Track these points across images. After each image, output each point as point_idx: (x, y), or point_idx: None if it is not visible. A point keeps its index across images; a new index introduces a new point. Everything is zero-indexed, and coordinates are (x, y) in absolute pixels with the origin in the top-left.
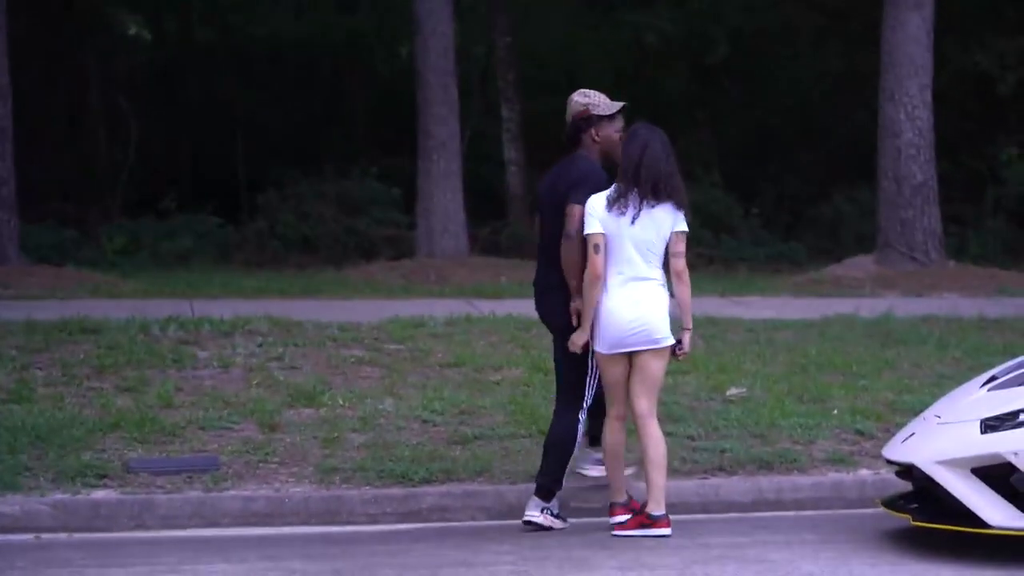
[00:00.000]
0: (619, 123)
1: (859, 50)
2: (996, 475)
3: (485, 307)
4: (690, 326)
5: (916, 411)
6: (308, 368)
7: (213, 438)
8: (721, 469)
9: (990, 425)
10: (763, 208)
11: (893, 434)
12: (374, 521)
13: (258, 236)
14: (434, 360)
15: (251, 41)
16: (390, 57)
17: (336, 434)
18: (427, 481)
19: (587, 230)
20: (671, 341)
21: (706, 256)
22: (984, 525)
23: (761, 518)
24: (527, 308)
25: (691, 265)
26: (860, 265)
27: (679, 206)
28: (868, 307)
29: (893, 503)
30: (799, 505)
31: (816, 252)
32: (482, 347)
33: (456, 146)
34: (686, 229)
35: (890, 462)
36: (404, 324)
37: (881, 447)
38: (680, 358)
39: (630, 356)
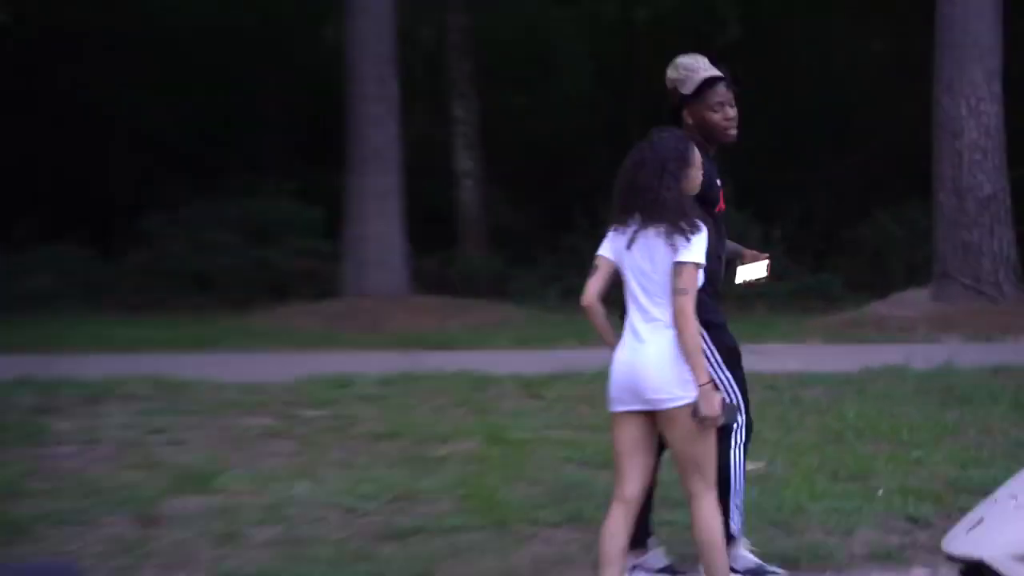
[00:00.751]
0: (714, 98)
1: (908, 29)
2: None
3: (430, 361)
4: (703, 381)
5: (986, 491)
6: (199, 443)
7: (74, 536)
8: (732, 570)
9: None
10: (786, 231)
11: (956, 521)
12: None
13: (140, 272)
14: (363, 430)
15: (134, 26)
16: (312, 43)
17: (234, 528)
18: None
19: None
20: (678, 402)
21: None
22: None
23: None
24: (484, 361)
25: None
26: (912, 302)
27: (677, 230)
28: (922, 356)
29: None
30: None
31: (855, 286)
32: (425, 413)
33: (395, 155)
34: (690, 260)
35: (952, 558)
36: (325, 384)
37: (940, 538)
38: (702, 425)
39: (650, 418)
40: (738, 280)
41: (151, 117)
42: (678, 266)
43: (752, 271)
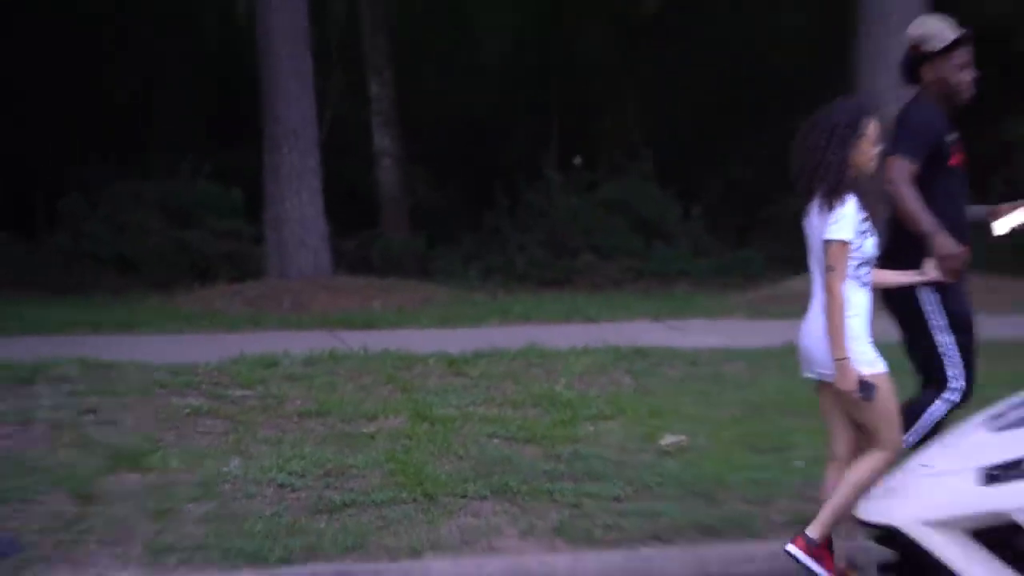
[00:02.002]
0: (960, 58)
1: (831, 3)
2: (1000, 539)
3: (354, 340)
4: (838, 356)
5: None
6: (132, 423)
7: (12, 513)
8: (655, 537)
9: (992, 476)
10: (707, 207)
11: (870, 488)
12: None
13: (60, 255)
14: (291, 409)
15: (50, 3)
16: (224, 17)
17: (169, 505)
18: (285, 561)
19: None
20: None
21: (635, 269)
22: None
23: None
24: (408, 340)
25: (616, 280)
26: None
27: (828, 206)
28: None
29: (876, 572)
30: None
31: (776, 262)
32: (351, 391)
33: (313, 134)
34: (835, 237)
35: (866, 524)
36: (252, 364)
37: (856, 506)
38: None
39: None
40: (998, 232)
41: (67, 97)
42: (826, 244)
43: (1012, 221)
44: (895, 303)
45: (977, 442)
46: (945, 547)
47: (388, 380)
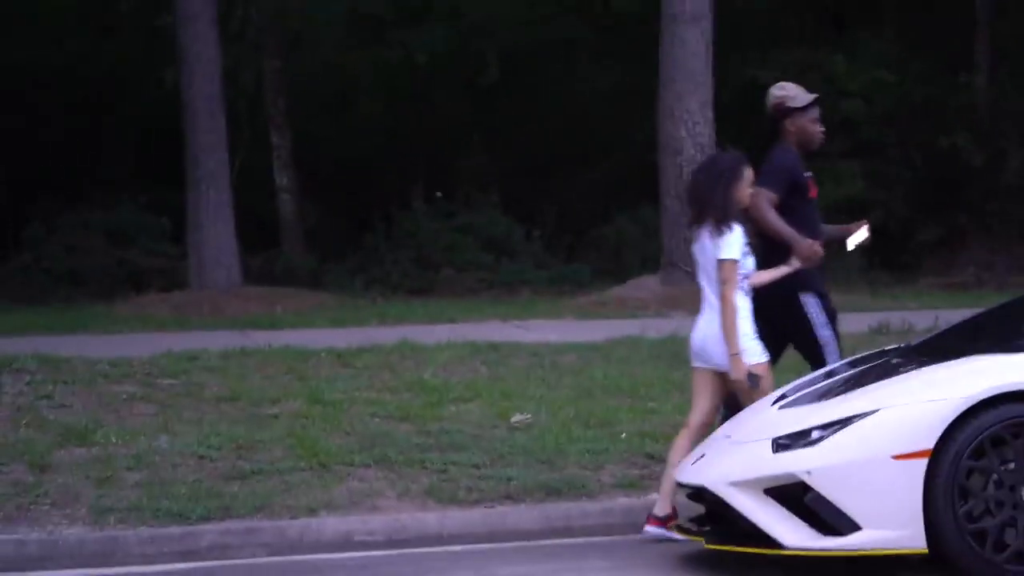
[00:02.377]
0: (813, 113)
1: (638, 65)
2: (789, 495)
3: (260, 338)
4: (735, 351)
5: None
6: (79, 406)
7: None
8: (508, 497)
9: (782, 444)
10: (545, 230)
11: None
12: (151, 561)
13: (23, 271)
14: (209, 394)
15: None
16: (156, 83)
17: (110, 473)
18: (205, 519)
19: None
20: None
21: (486, 280)
22: (779, 546)
23: (551, 546)
24: (304, 338)
25: (471, 289)
26: (644, 285)
27: (719, 232)
28: (654, 328)
29: (686, 526)
30: (589, 532)
31: (600, 274)
32: (258, 380)
33: (226, 175)
34: (727, 256)
35: (681, 484)
36: (177, 358)
37: (674, 469)
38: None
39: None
40: (850, 247)
41: (31, 142)
42: (719, 262)
43: (858, 238)
44: (776, 312)
45: (770, 417)
46: (745, 502)
47: (288, 371)
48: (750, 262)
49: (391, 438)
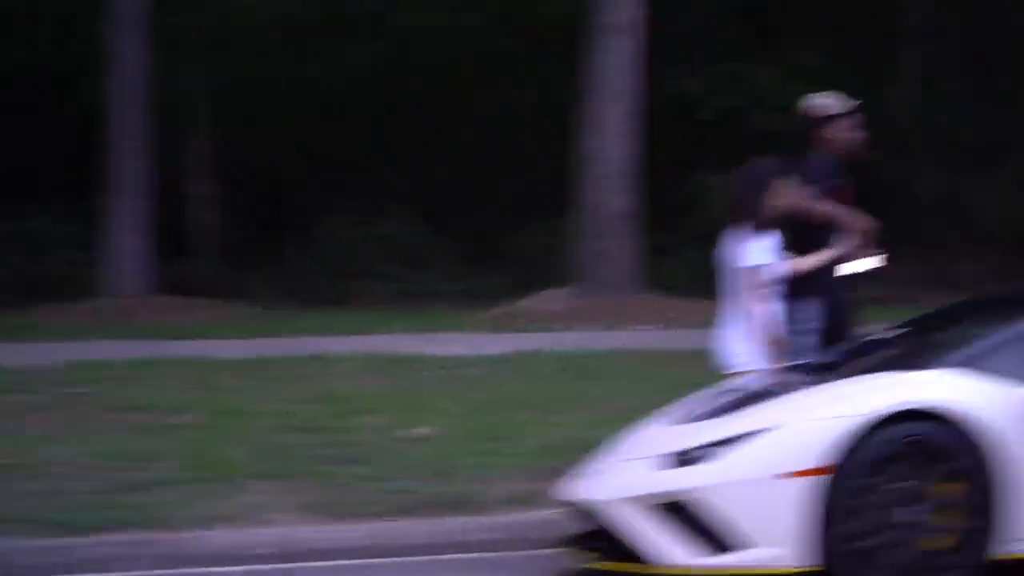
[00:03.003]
0: (852, 121)
1: (560, 77)
2: (681, 512)
3: (170, 348)
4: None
5: (607, 447)
6: None
7: None
8: (405, 511)
9: (676, 460)
10: (459, 242)
11: (582, 471)
12: (40, 574)
13: None
14: (113, 404)
15: None
16: (76, 89)
17: (6, 485)
18: (98, 530)
19: None
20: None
21: (400, 291)
22: (667, 563)
23: (446, 561)
24: (214, 348)
25: (384, 301)
26: (556, 298)
27: (750, 238)
28: (562, 341)
29: (577, 542)
30: (484, 546)
31: (514, 286)
32: (164, 390)
33: (143, 183)
34: (753, 264)
35: (571, 501)
36: (84, 367)
37: (564, 484)
38: None
39: None
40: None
41: None
42: (745, 269)
43: (862, 265)
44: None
45: (663, 433)
46: (636, 519)
47: (196, 382)
48: (776, 269)
49: (293, 450)
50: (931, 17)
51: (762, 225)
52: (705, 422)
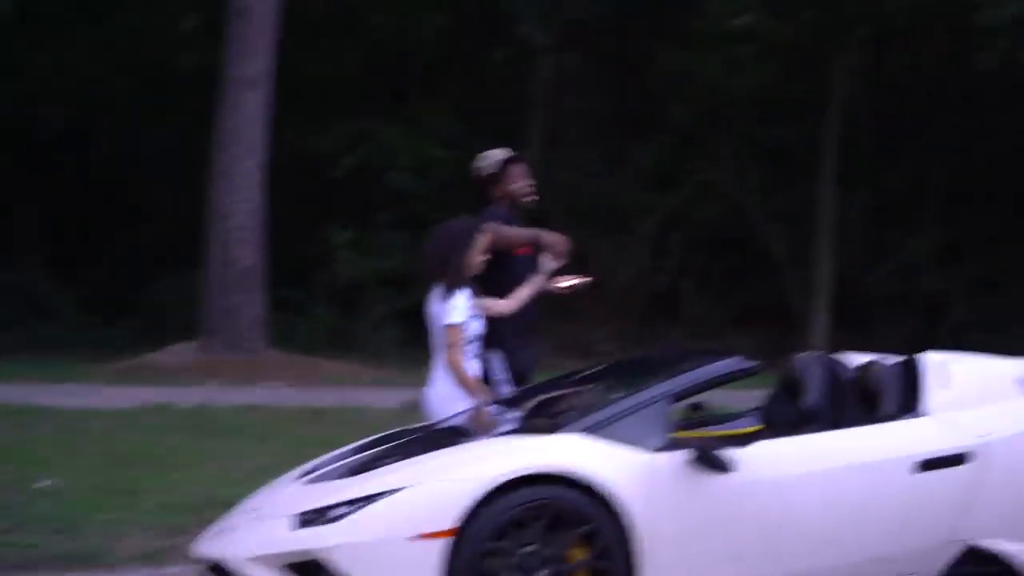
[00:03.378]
0: (514, 172)
1: (194, 128)
2: (311, 572)
3: None
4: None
5: (233, 504)
6: None
7: None
8: (26, 566)
9: (306, 520)
10: (90, 292)
11: (208, 528)
12: None
13: None
14: None
15: None
16: None
17: None
18: None
19: None
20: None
21: (25, 341)
22: None
23: None
24: None
25: (7, 350)
26: (182, 352)
27: (448, 296)
28: (188, 396)
29: None
30: None
31: (140, 339)
32: None
33: None
34: (452, 321)
35: (200, 559)
36: None
37: (195, 542)
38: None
39: None
40: (563, 286)
41: None
42: (446, 326)
43: (571, 279)
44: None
45: (294, 492)
46: None
47: None
48: (477, 326)
49: None
50: (564, 84)
51: (461, 282)
52: (339, 481)
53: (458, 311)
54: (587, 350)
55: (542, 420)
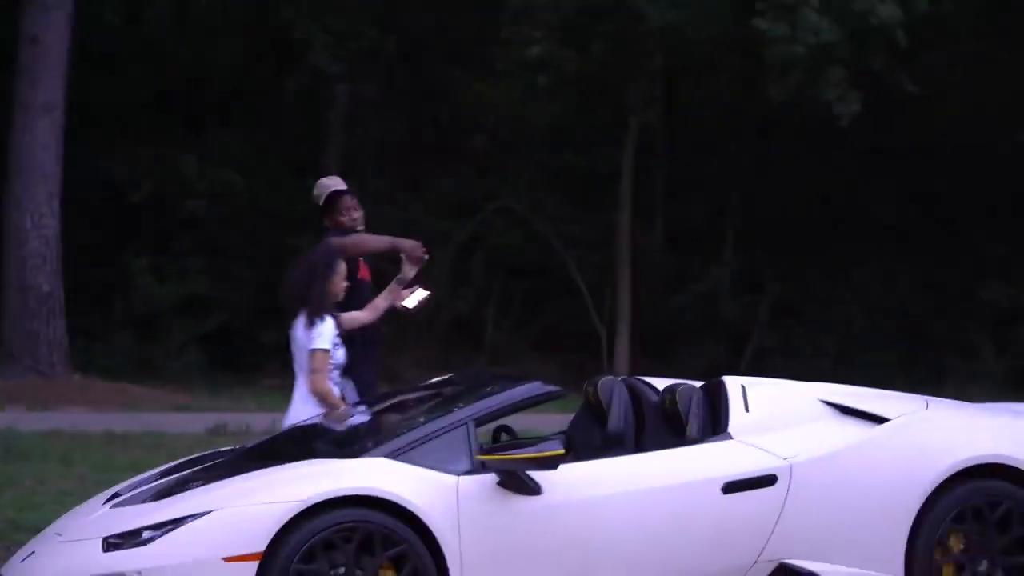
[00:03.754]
0: (344, 203)
1: None
2: None
3: None
4: None
5: (39, 529)
6: None
7: None
8: None
9: (112, 543)
10: None
11: (14, 552)
12: None
13: None
14: None
15: None
16: None
17: None
18: None
19: None
20: None
21: None
22: None
23: None
24: None
25: None
26: None
27: (311, 323)
28: None
29: None
30: None
31: None
32: None
33: None
34: (318, 347)
35: None
36: None
37: (0, 566)
38: None
39: None
40: (411, 306)
41: None
42: (311, 352)
43: (416, 297)
44: None
45: (102, 516)
46: None
47: None
48: (341, 353)
49: None
50: (360, 113)
51: (325, 309)
52: (145, 504)
53: (323, 338)
54: (391, 376)
55: (347, 443)
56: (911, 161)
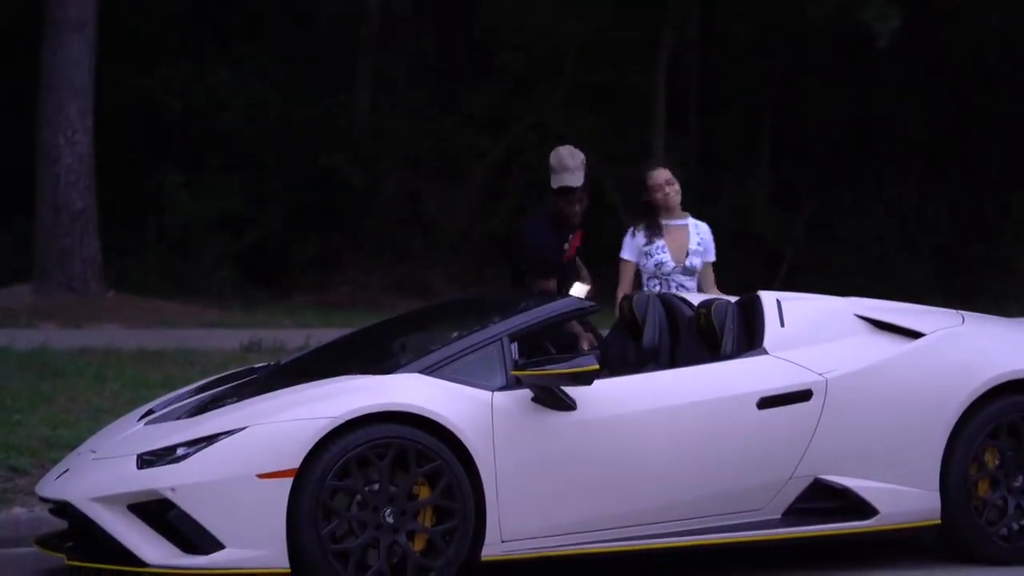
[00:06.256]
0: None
1: (17, 72)
2: (154, 511)
3: None
4: None
5: (73, 446)
6: None
7: None
8: None
9: (147, 460)
10: None
11: (48, 470)
12: None
13: None
14: None
15: None
16: None
17: None
18: None
19: None
20: None
21: None
22: (142, 563)
23: None
24: None
25: None
26: (16, 295)
27: None
28: (24, 339)
29: (48, 542)
30: None
31: None
32: None
33: None
34: None
35: (44, 499)
36: None
37: (36, 484)
38: None
39: None
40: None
41: None
42: None
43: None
44: None
45: (135, 433)
46: (108, 518)
47: None
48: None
49: None
50: (393, 29)
51: None
52: (179, 421)
53: None
54: (424, 291)
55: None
56: (946, 78)
